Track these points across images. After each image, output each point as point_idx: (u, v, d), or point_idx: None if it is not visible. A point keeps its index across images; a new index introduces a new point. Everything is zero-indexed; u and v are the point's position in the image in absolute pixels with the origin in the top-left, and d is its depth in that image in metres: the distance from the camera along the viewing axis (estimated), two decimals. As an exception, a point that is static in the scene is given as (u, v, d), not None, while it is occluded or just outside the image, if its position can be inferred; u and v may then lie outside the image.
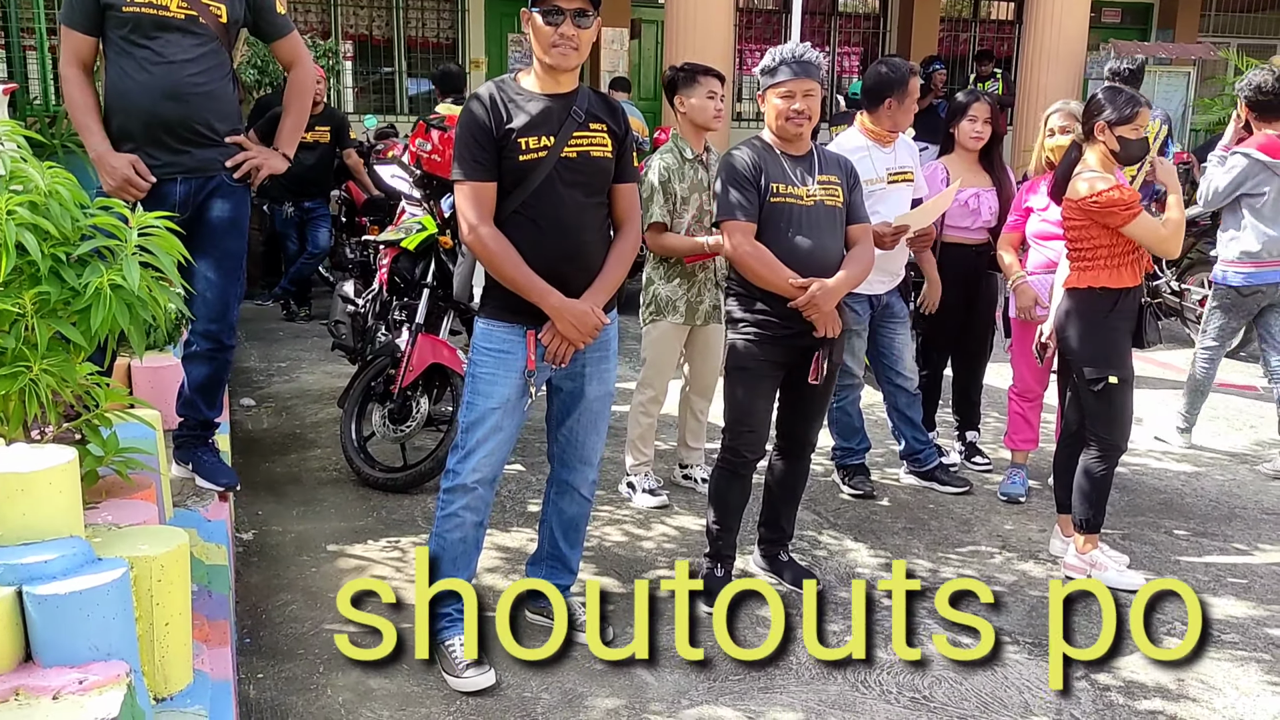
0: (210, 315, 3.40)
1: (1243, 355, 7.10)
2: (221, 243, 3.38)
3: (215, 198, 3.38)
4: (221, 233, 3.38)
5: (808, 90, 3.42)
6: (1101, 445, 3.75)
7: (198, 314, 3.39)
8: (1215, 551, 4.11)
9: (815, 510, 4.44)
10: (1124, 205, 3.54)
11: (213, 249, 3.31)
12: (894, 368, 4.63)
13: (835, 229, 3.48)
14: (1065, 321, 3.76)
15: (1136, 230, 3.56)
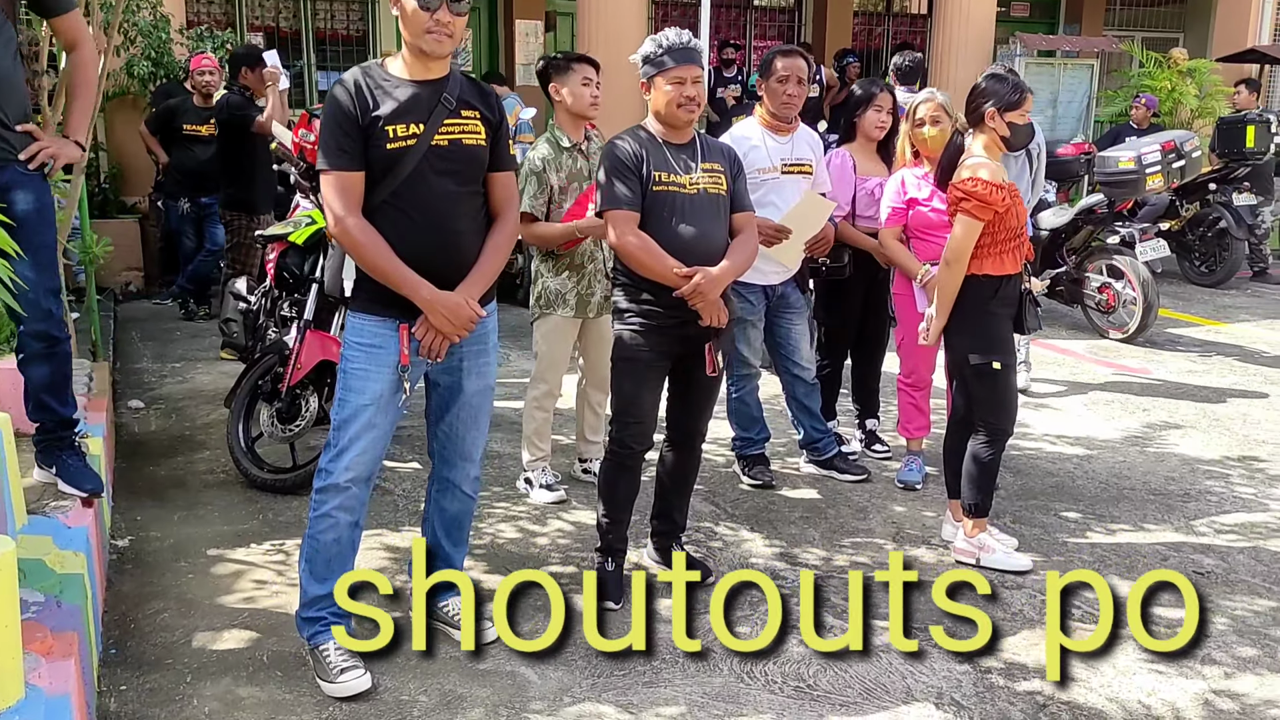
0: (36, 314, 3.25)
1: (1141, 340, 7.28)
2: (31, 236, 3.20)
3: (14, 190, 3.21)
4: (29, 226, 3.20)
5: (696, 77, 3.39)
6: (989, 430, 3.79)
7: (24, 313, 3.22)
8: (1102, 532, 4.19)
9: (714, 501, 4.42)
10: (980, 200, 3.57)
11: (23, 243, 3.08)
12: (791, 358, 4.63)
13: (719, 217, 3.46)
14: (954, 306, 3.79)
15: (958, 228, 3.62)
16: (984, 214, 3.59)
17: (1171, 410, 5.84)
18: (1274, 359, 6.99)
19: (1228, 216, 9.08)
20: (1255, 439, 5.36)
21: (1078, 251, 7.55)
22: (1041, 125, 11.52)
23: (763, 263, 4.32)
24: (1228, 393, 6.18)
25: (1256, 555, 3.98)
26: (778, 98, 4.31)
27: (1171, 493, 4.62)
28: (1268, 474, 4.87)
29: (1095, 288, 7.38)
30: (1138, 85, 10.88)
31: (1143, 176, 6.75)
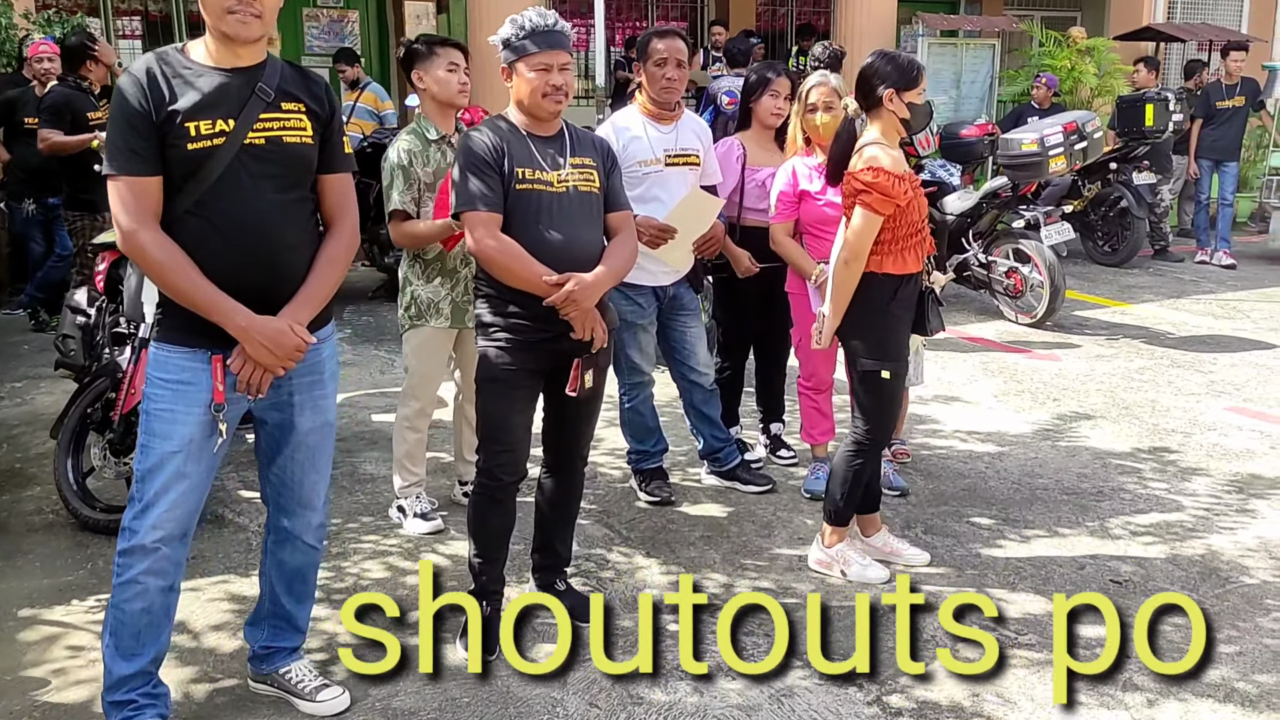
0: None
1: (1049, 325, 7.14)
2: None
3: None
4: None
5: (563, 64, 3.02)
6: (863, 438, 3.54)
7: None
8: (1016, 540, 3.95)
9: (607, 523, 4.08)
10: (881, 193, 3.28)
11: None
12: (687, 362, 4.30)
13: (592, 218, 3.11)
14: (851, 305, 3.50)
15: (856, 222, 3.34)
16: (885, 207, 3.29)
17: (1082, 399, 5.67)
18: (1178, 340, 6.91)
19: (1129, 196, 9.03)
20: (1165, 428, 5.21)
21: (984, 236, 7.39)
22: (946, 107, 11.47)
23: (650, 263, 4.00)
24: (1136, 378, 6.05)
25: (1174, 560, 3.78)
26: (657, 83, 3.96)
27: (1085, 491, 4.42)
28: (1179, 466, 4.71)
29: (1002, 273, 7.22)
30: (1038, 65, 10.80)
31: (1046, 158, 6.59)
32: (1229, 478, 4.58)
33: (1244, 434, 5.12)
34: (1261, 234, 10.58)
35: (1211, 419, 5.34)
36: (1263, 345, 6.77)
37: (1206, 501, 4.31)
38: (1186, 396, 5.71)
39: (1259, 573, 3.70)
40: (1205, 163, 9.54)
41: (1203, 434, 5.13)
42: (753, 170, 4.40)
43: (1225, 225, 9.50)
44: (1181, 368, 6.26)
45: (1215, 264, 9.48)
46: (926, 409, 5.48)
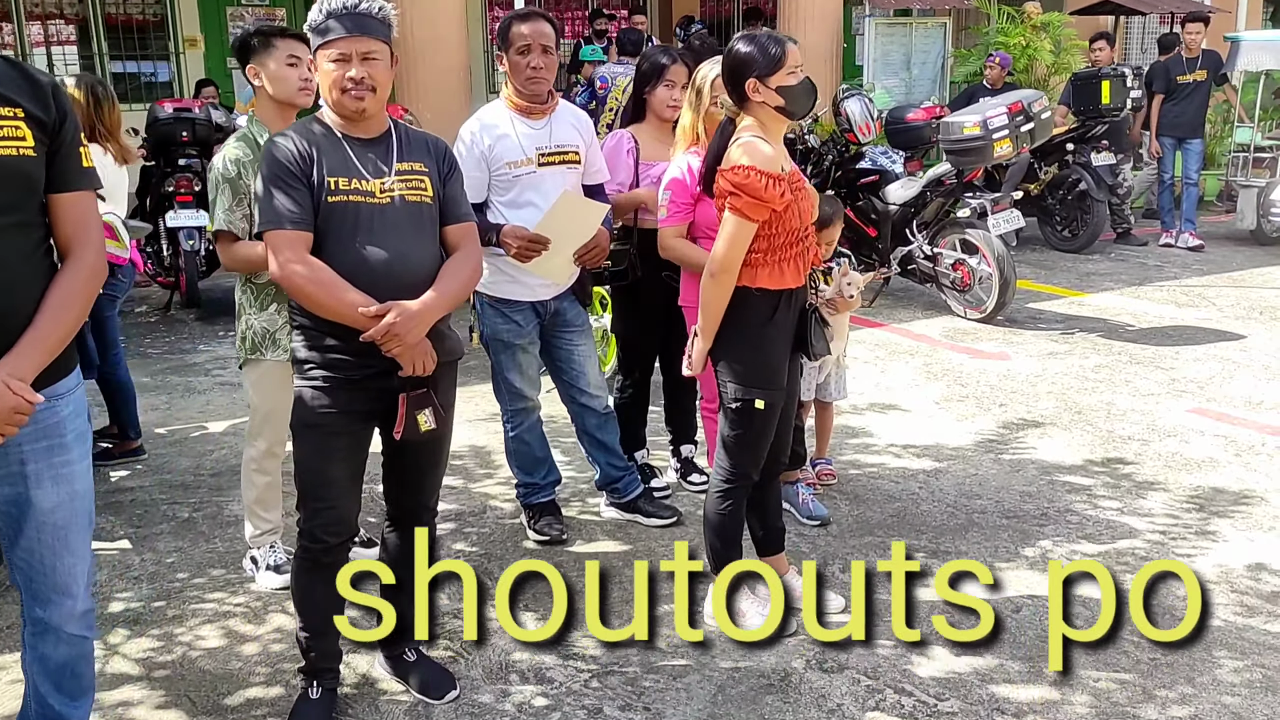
0: None
1: (999, 319, 6.70)
2: None
3: None
4: None
5: (367, 52, 2.54)
6: (730, 475, 3.08)
7: None
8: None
9: (485, 569, 3.60)
10: (751, 195, 2.80)
11: None
12: (576, 384, 3.82)
13: (423, 232, 2.63)
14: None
15: (726, 229, 2.87)
16: (756, 212, 2.82)
17: (1031, 404, 5.23)
18: (1137, 334, 6.48)
19: (1087, 178, 8.60)
20: (1120, 435, 4.77)
21: (929, 226, 6.94)
22: (897, 89, 11.02)
23: (526, 275, 3.53)
24: (1091, 378, 5.61)
25: (1124, 600, 3.33)
26: (521, 72, 3.47)
27: (1027, 514, 3.97)
28: (1134, 480, 4.27)
29: (949, 265, 6.77)
30: (991, 43, 10.35)
31: (990, 142, 6.13)
32: (1189, 493, 4.14)
33: (1206, 440, 4.69)
34: (1229, 214, 10.17)
35: (1171, 423, 4.91)
36: (1228, 336, 6.35)
37: (1163, 523, 3.87)
38: (1145, 398, 5.27)
39: (1219, 611, 3.25)
40: (1168, 141, 9.12)
41: (1161, 441, 4.69)
42: (647, 166, 3.93)
43: (1190, 206, 9.08)
44: (1141, 364, 5.83)
45: (1181, 246, 9.07)
46: (861, 419, 5.03)
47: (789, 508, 3.87)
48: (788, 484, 3.93)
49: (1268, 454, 4.50)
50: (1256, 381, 5.48)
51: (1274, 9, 15.85)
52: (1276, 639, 3.09)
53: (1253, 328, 6.54)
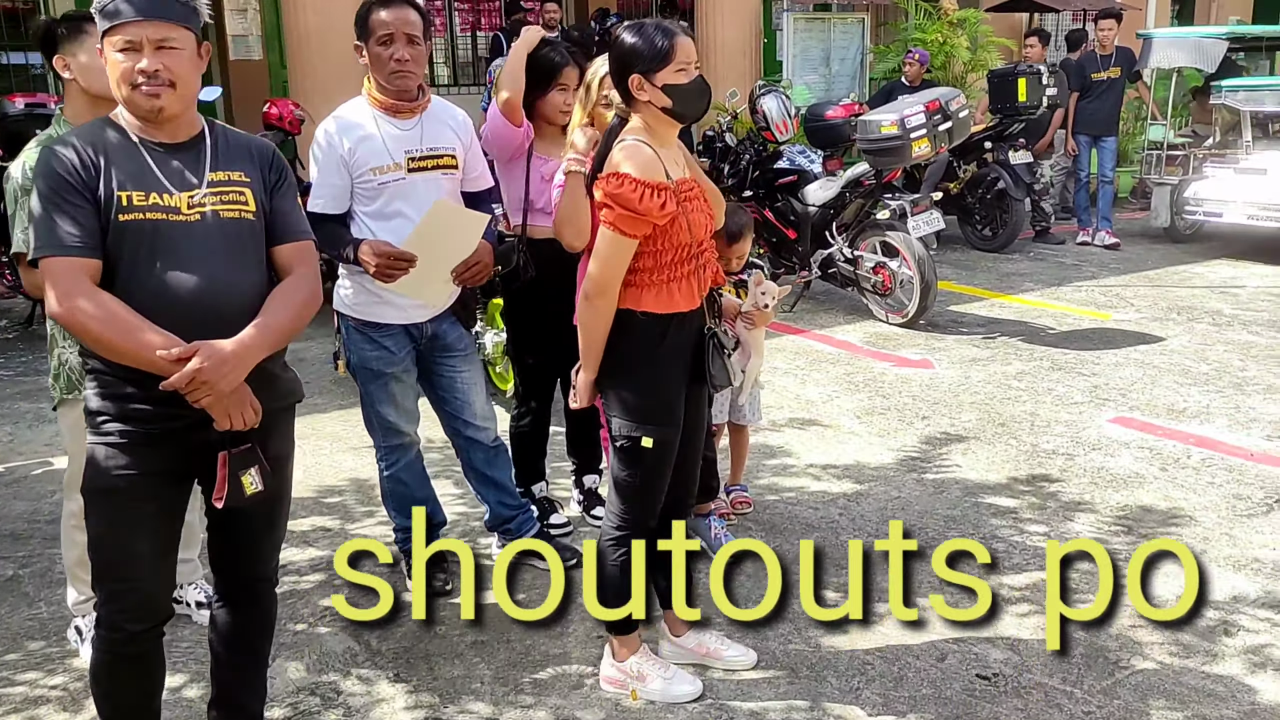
0: None
1: (922, 324, 6.48)
2: None
3: None
4: None
5: (163, 40, 2.13)
6: (621, 521, 2.76)
7: None
8: (859, 624, 3.20)
9: (354, 631, 3.20)
10: (626, 208, 2.47)
11: None
12: (461, 415, 3.44)
13: (243, 254, 2.23)
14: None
15: (600, 246, 2.54)
16: (633, 227, 2.48)
17: (954, 415, 4.99)
18: (1058, 337, 6.30)
19: (1005, 176, 8.47)
20: (1045, 449, 4.55)
21: (849, 228, 6.68)
22: (817, 86, 10.80)
23: (397, 296, 3.14)
24: (1014, 386, 5.40)
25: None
26: (384, 65, 3.08)
27: (951, 543, 3.70)
28: (1060, 501, 4.03)
29: (870, 268, 6.53)
30: (909, 40, 10.18)
31: (908, 142, 5.88)
32: (1116, 513, 3.92)
33: (1131, 452, 4.48)
34: (1143, 211, 10.15)
35: (1095, 435, 4.70)
36: (1148, 339, 6.20)
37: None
38: (1069, 407, 5.06)
39: (1154, 652, 3.01)
40: (1083, 139, 9.03)
41: (1086, 455, 4.47)
42: (541, 159, 3.56)
43: (1106, 203, 9.01)
44: (1063, 370, 5.64)
45: (1098, 244, 8.99)
46: (780, 438, 4.73)
47: (701, 542, 3.55)
48: (699, 516, 3.61)
49: (1193, 467, 4.31)
50: (1178, 386, 5.32)
51: (1180, 6, 16.04)
52: (1217, 683, 2.85)
53: (1171, 329, 6.41)
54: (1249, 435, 4.64)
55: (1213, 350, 5.94)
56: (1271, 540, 3.66)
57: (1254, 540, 3.67)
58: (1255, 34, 10.18)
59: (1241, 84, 8.71)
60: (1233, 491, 4.07)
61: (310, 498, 4.22)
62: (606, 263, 2.51)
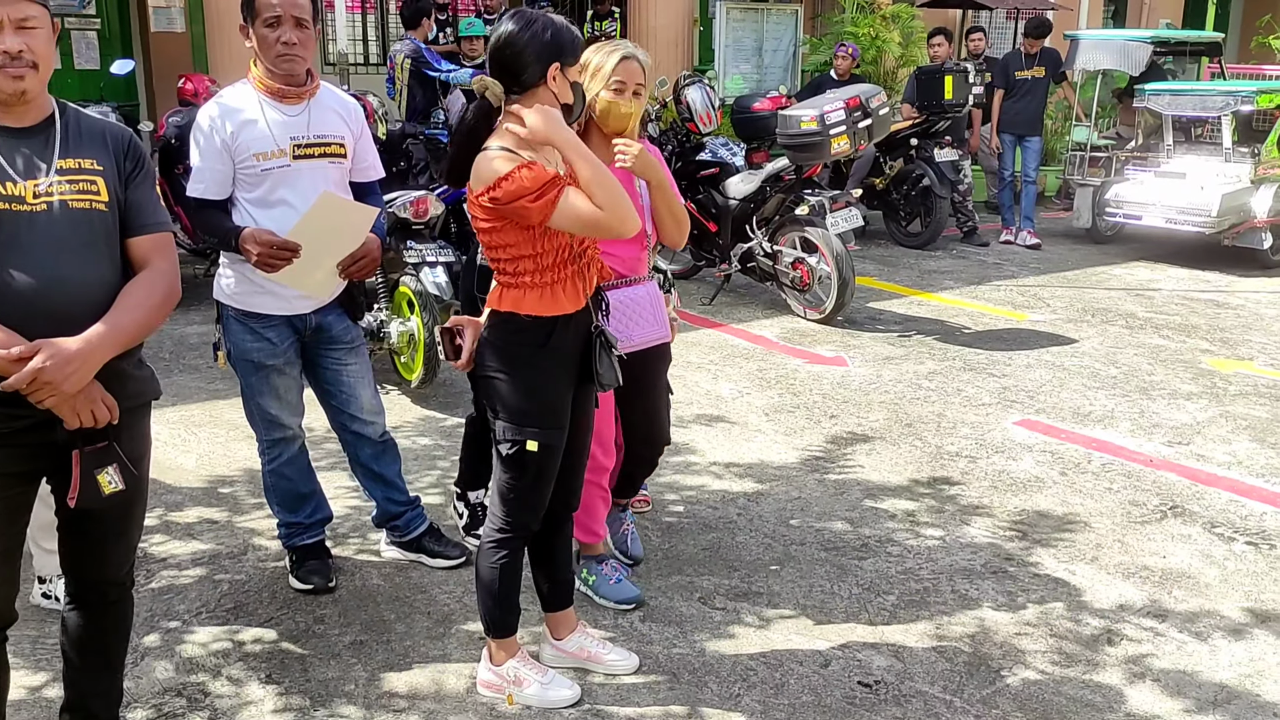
0: None
1: (839, 320, 6.49)
2: None
3: None
4: None
5: (23, 19, 2.03)
6: (504, 525, 2.70)
7: None
8: (753, 625, 3.18)
9: (231, 629, 3.10)
10: (534, 193, 2.39)
11: None
12: (347, 409, 3.34)
13: (93, 247, 2.11)
14: (481, 352, 2.61)
15: (567, 219, 2.44)
16: (547, 193, 2.38)
17: (862, 415, 4.99)
18: (973, 336, 6.35)
19: (930, 173, 8.52)
20: (949, 451, 4.56)
21: (769, 223, 6.66)
22: (749, 77, 10.77)
23: (279, 286, 3.03)
24: (924, 386, 5.42)
25: (939, 647, 3.07)
26: (270, 48, 2.96)
27: (848, 546, 3.70)
28: (959, 505, 4.04)
29: (788, 263, 6.52)
30: (841, 33, 10.18)
31: (827, 138, 5.86)
32: (1013, 518, 3.94)
33: (1033, 456, 4.52)
34: (1067, 211, 10.29)
35: (1000, 437, 4.73)
36: (1061, 341, 6.28)
37: (985, 555, 3.65)
38: (976, 408, 5.10)
39: (1036, 660, 3.02)
40: (1008, 138, 9.12)
41: (989, 458, 4.50)
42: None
43: (1029, 203, 9.11)
44: (974, 371, 5.68)
45: (1020, 244, 9.10)
46: (686, 434, 4.69)
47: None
48: (617, 507, 3.53)
49: (1093, 472, 4.36)
50: (1085, 389, 5.38)
51: (1115, 8, 16.28)
52: (1095, 693, 2.87)
53: (1084, 331, 6.50)
54: (1150, 441, 4.71)
55: (1123, 354, 6.03)
56: (1162, 548, 3.71)
57: (1145, 548, 3.72)
58: (1180, 38, 10.36)
59: (1164, 88, 8.84)
60: (1129, 498, 4.12)
61: (200, 489, 4.09)
62: (581, 209, 2.40)
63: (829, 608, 3.28)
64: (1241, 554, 3.66)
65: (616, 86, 2.94)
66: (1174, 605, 3.32)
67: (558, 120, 2.45)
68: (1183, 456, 4.52)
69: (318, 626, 3.13)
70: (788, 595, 3.36)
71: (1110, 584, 3.46)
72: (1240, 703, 2.83)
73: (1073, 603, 3.33)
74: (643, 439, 3.38)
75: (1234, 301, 7.33)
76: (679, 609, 3.27)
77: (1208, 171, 8.34)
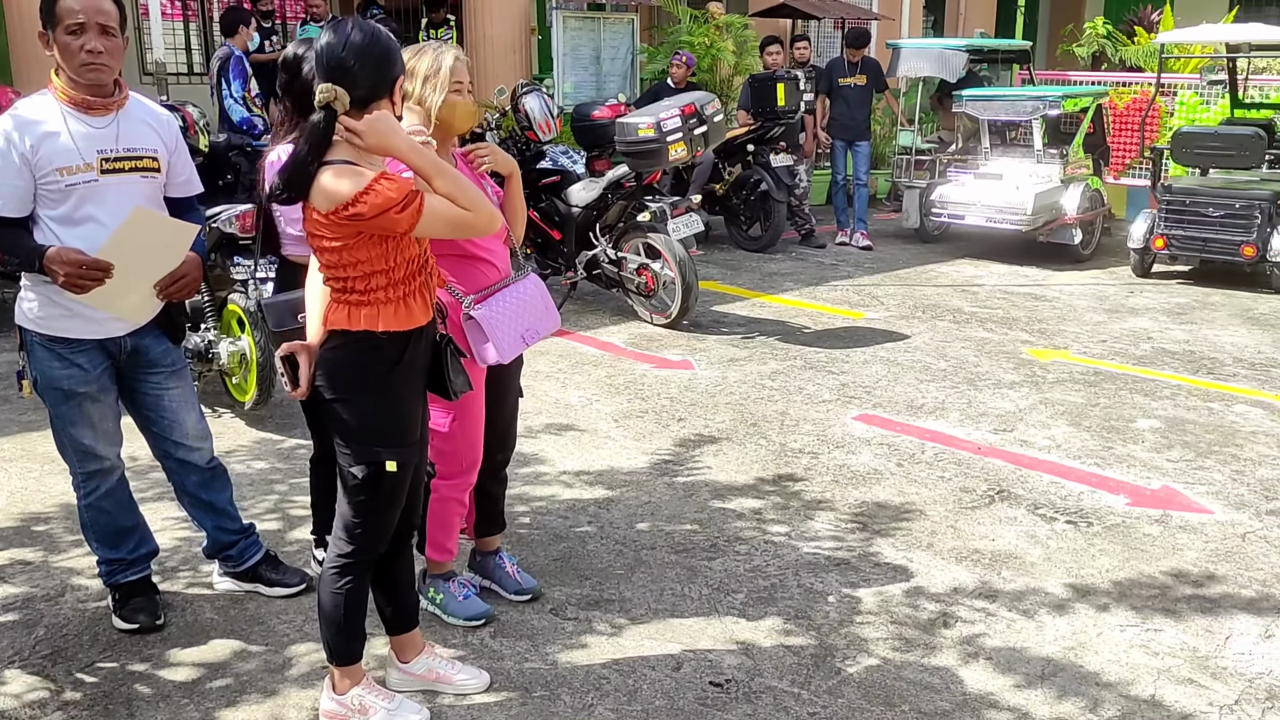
0: None
1: (685, 324, 6.57)
2: None
3: None
4: None
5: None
6: (352, 550, 2.61)
7: None
8: (605, 633, 3.17)
9: (49, 673, 2.89)
10: (400, 204, 2.32)
11: None
12: (170, 436, 3.17)
13: None
14: (326, 375, 2.51)
15: (435, 224, 2.39)
16: (413, 200, 2.31)
17: (709, 417, 5.07)
18: (814, 336, 6.54)
19: (767, 178, 8.73)
20: (792, 449, 4.68)
21: (612, 229, 6.69)
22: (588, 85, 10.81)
23: (88, 308, 2.85)
24: (768, 386, 5.54)
25: (786, 643, 3.14)
26: (74, 57, 2.78)
27: (697, 547, 3.73)
28: (803, 500, 4.14)
29: (633, 269, 6.56)
30: (677, 42, 10.34)
31: (664, 145, 5.93)
32: (853, 510, 4.06)
33: (871, 449, 4.68)
34: (897, 212, 10.72)
35: (840, 433, 4.88)
36: (895, 337, 6.53)
37: (828, 547, 3.75)
38: (817, 405, 5.24)
39: (878, 647, 3.11)
40: (838, 143, 9.43)
41: (830, 453, 4.63)
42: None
43: (861, 206, 9.45)
44: (815, 369, 5.84)
45: (854, 245, 9.42)
46: (535, 444, 4.66)
47: (494, 586, 3.39)
48: (489, 553, 3.43)
49: (926, 462, 4.54)
50: (918, 383, 5.61)
51: (934, 18, 17.09)
52: (933, 675, 2.98)
53: (916, 326, 6.77)
54: (978, 430, 4.94)
55: (951, 347, 6.31)
56: (990, 531, 3.89)
57: (975, 532, 3.89)
58: (994, 46, 10.94)
59: (980, 94, 9.31)
60: (960, 485, 4.31)
61: (12, 528, 3.81)
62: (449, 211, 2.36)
63: (680, 610, 3.31)
64: (1062, 533, 3.87)
65: (456, 87, 2.90)
66: (1003, 585, 3.48)
67: (396, 128, 2.39)
68: (1007, 443, 4.75)
69: (145, 668, 2.96)
70: (639, 600, 3.37)
71: (945, 569, 3.60)
72: (1066, 674, 2.99)
73: (910, 589, 3.46)
74: (500, 446, 3.33)
75: (1050, 294, 7.77)
76: (530, 622, 3.23)
77: (1022, 172, 8.83)
